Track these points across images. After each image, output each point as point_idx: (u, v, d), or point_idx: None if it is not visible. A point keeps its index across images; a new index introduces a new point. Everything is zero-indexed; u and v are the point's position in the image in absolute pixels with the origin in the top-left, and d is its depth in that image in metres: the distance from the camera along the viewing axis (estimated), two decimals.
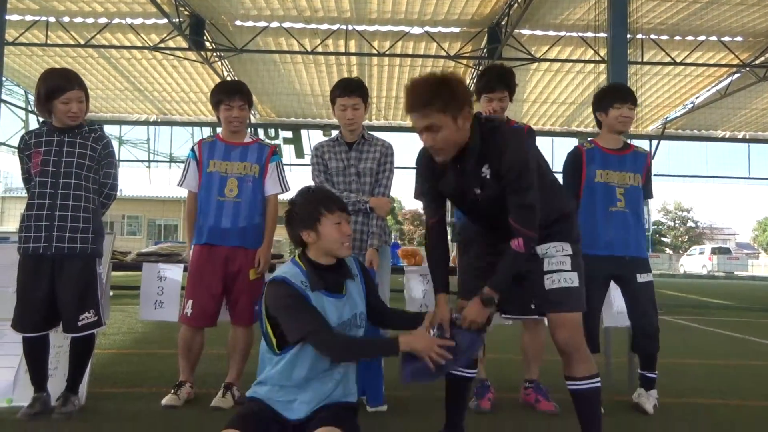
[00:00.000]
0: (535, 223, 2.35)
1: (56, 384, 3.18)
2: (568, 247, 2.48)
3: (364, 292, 2.47)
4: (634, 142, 3.66)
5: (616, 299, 3.75)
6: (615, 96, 3.50)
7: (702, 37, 13.40)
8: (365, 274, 2.53)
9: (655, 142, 19.85)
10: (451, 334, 2.36)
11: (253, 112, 18.04)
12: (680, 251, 44.07)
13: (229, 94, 3.44)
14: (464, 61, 14.52)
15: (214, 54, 14.54)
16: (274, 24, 13.29)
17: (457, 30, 13.40)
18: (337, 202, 2.41)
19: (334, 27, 13.33)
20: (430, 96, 2.23)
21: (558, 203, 2.53)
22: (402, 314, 2.61)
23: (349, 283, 2.41)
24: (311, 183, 3.54)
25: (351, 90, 3.42)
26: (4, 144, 15.44)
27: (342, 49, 14.03)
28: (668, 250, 46.89)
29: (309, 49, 14.00)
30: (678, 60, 14.04)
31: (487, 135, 2.36)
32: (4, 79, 13.38)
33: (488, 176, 2.35)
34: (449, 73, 2.35)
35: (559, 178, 3.06)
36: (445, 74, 2.31)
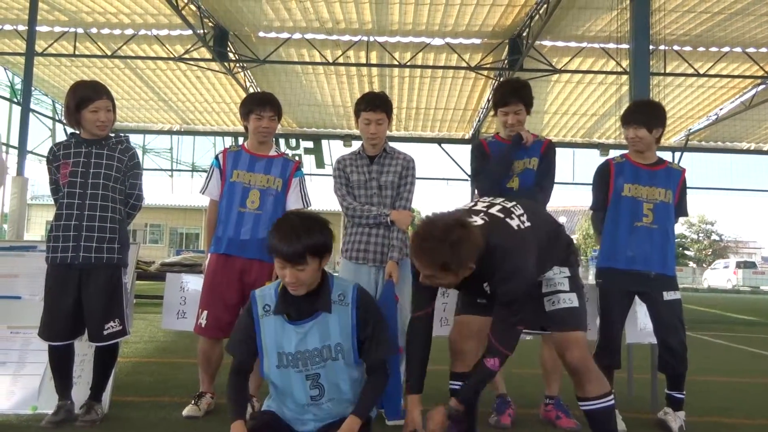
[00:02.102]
0: (514, 344, 2.39)
1: (80, 392, 3.23)
2: (566, 270, 2.59)
3: (354, 324, 2.30)
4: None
5: (640, 316, 3.71)
6: (623, 119, 3.47)
7: (726, 48, 13.24)
8: (368, 309, 2.35)
9: (678, 154, 19.63)
10: None
11: None
12: (704, 265, 43.37)
13: (261, 104, 3.47)
14: (485, 73, 14.53)
15: (237, 65, 14.73)
16: (297, 35, 13.44)
17: (478, 41, 13.42)
18: (284, 252, 2.23)
19: (356, 38, 13.44)
20: (439, 263, 2.22)
21: (556, 252, 2.60)
22: (363, 395, 2.35)
23: (327, 315, 2.29)
24: (333, 194, 3.58)
25: (376, 105, 3.44)
26: (31, 152, 15.74)
27: (363, 61, 14.11)
28: (692, 264, 46.18)
29: (331, 60, 14.12)
30: (701, 71, 13.90)
31: (487, 258, 2.33)
32: (32, 88, 13.68)
33: (488, 291, 2.45)
34: (454, 227, 2.22)
35: (588, 189, 3.66)
36: (450, 233, 2.20)
